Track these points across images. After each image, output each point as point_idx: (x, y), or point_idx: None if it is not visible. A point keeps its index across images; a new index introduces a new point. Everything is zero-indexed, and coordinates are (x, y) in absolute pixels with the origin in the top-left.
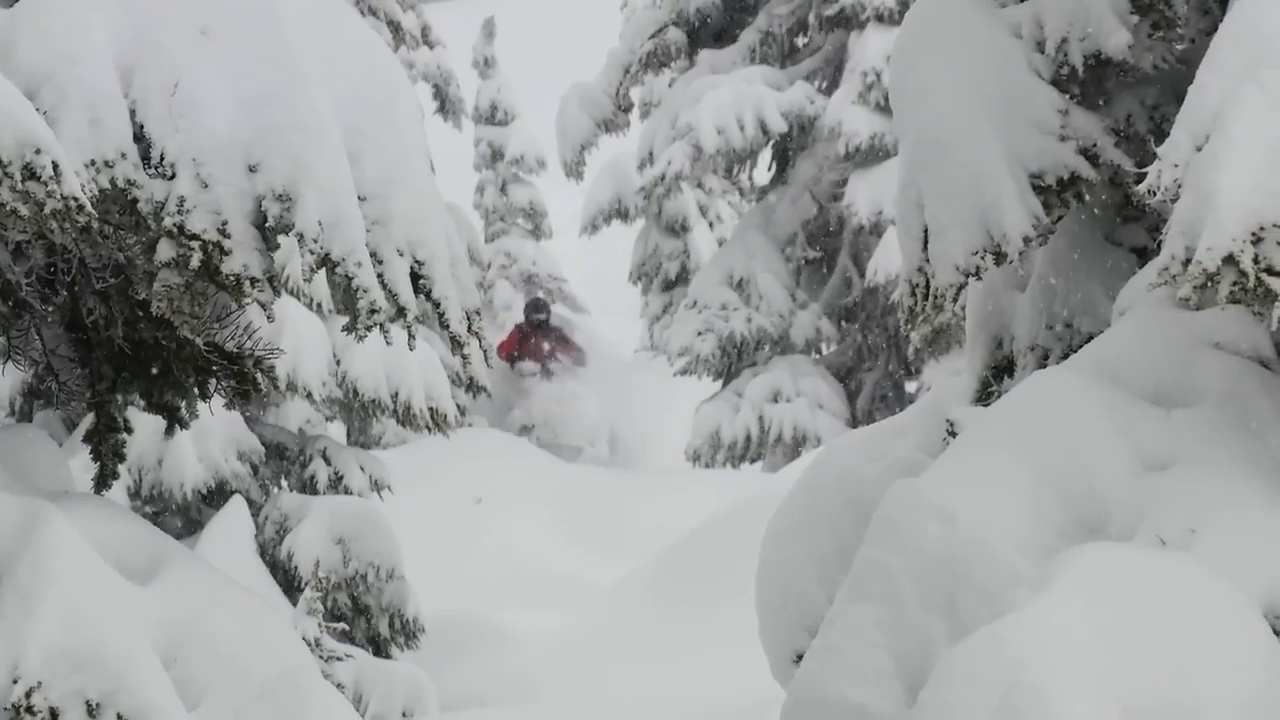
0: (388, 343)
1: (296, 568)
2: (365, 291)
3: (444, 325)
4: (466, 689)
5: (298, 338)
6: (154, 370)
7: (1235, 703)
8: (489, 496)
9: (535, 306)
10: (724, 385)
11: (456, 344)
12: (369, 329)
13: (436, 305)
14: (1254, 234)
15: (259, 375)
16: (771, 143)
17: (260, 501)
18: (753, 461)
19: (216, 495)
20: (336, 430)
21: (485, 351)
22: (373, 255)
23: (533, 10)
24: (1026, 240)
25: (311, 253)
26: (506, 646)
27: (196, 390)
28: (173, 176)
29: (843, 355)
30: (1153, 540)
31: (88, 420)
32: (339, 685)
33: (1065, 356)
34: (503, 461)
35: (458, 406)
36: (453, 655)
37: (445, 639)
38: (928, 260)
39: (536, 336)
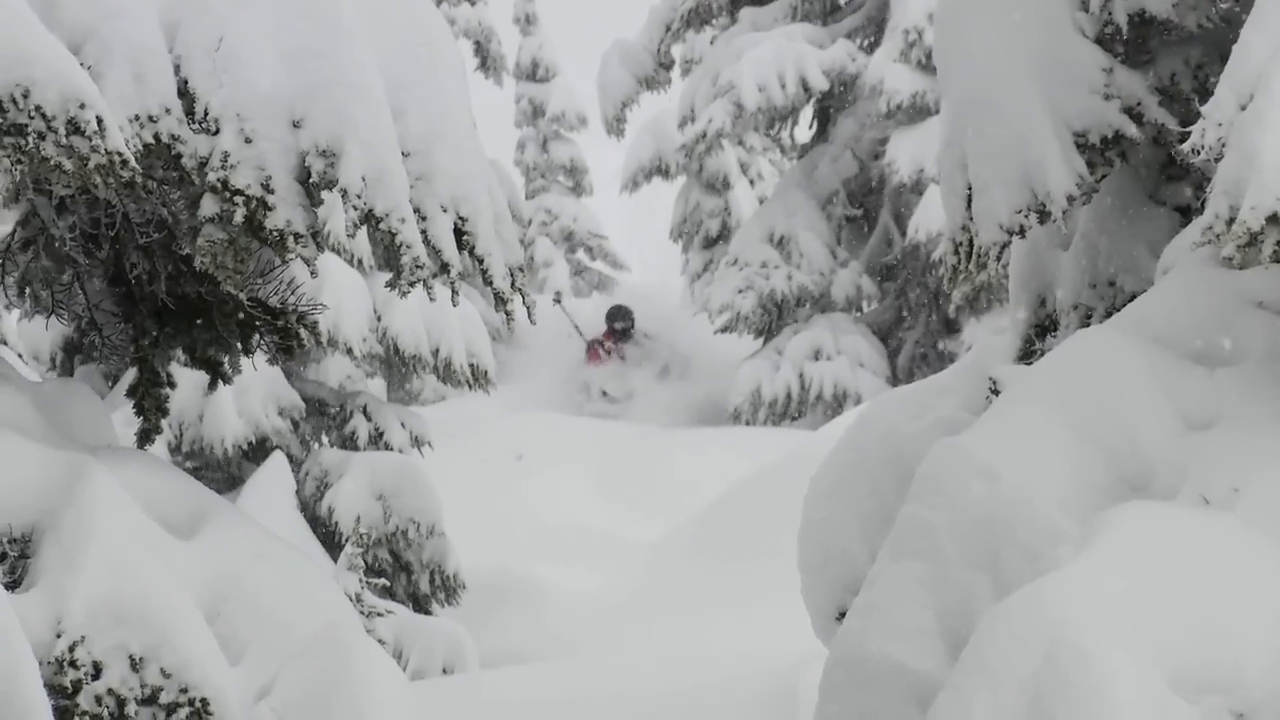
0: (430, 299)
1: (337, 523)
2: (409, 248)
3: (487, 282)
4: (506, 645)
5: (339, 294)
6: (197, 325)
7: (1275, 658)
8: (529, 453)
9: (617, 314)
10: (764, 343)
11: (500, 300)
12: (412, 285)
13: (480, 261)
14: None
15: (302, 331)
16: (813, 100)
17: (301, 457)
18: (794, 420)
19: (257, 451)
20: (377, 386)
21: (529, 308)
22: (416, 211)
23: None
24: (1070, 199)
25: (355, 208)
26: (546, 603)
27: (239, 345)
28: (216, 132)
29: (883, 313)
30: (1196, 499)
31: (130, 375)
32: (380, 641)
33: (1108, 315)
34: (542, 417)
35: (497, 362)
36: (492, 611)
37: (485, 595)
38: (971, 218)
39: (621, 345)
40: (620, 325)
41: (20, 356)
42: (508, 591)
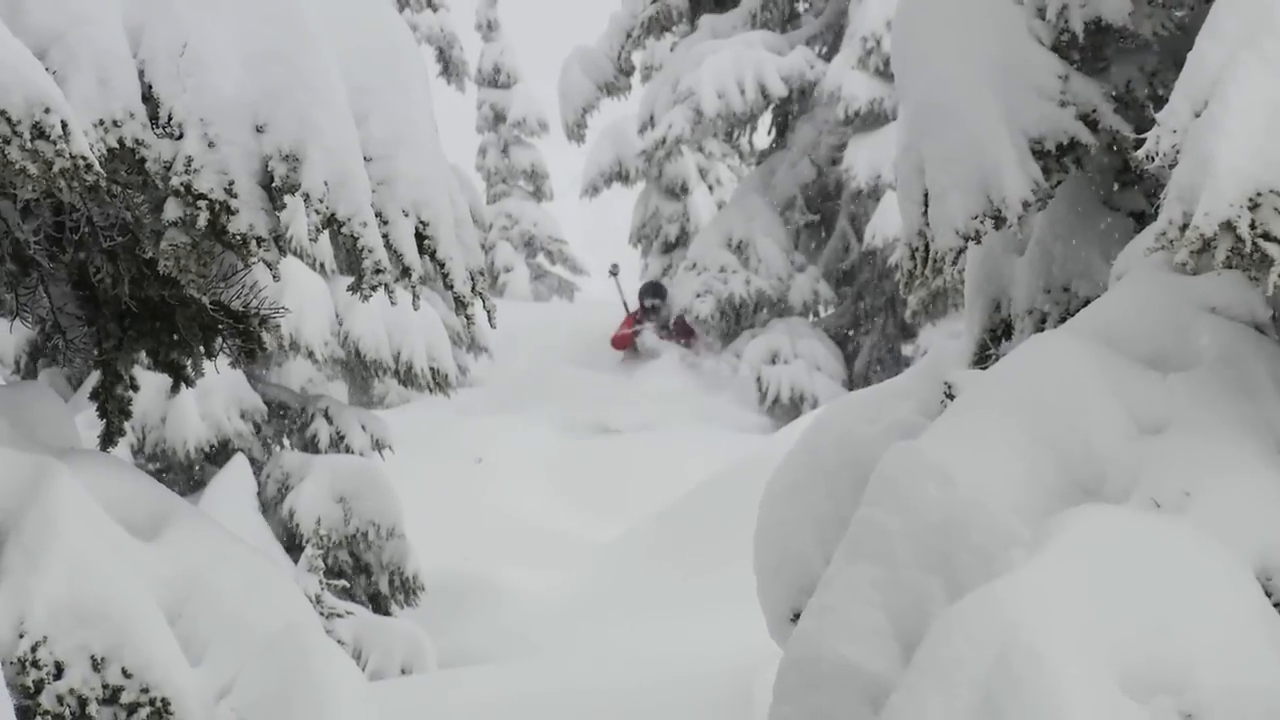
0: (392, 303)
1: (298, 525)
2: (370, 252)
3: (448, 286)
4: (466, 646)
5: (301, 297)
6: (160, 328)
7: (1226, 663)
8: (489, 456)
9: (650, 290)
10: (723, 347)
11: (461, 304)
12: (374, 289)
13: (441, 266)
14: (1251, 200)
15: (264, 334)
16: (771, 107)
17: (262, 460)
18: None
19: (219, 453)
20: (338, 390)
21: (489, 312)
22: (378, 215)
23: None
24: (1026, 205)
25: (317, 213)
26: (505, 604)
27: (202, 349)
28: (180, 136)
29: (840, 318)
30: (1147, 503)
31: (93, 378)
32: (339, 641)
33: (1062, 320)
34: (503, 421)
35: (458, 366)
36: (452, 612)
37: (445, 597)
38: (927, 224)
39: (652, 323)
40: (650, 302)
41: None
42: (467, 593)
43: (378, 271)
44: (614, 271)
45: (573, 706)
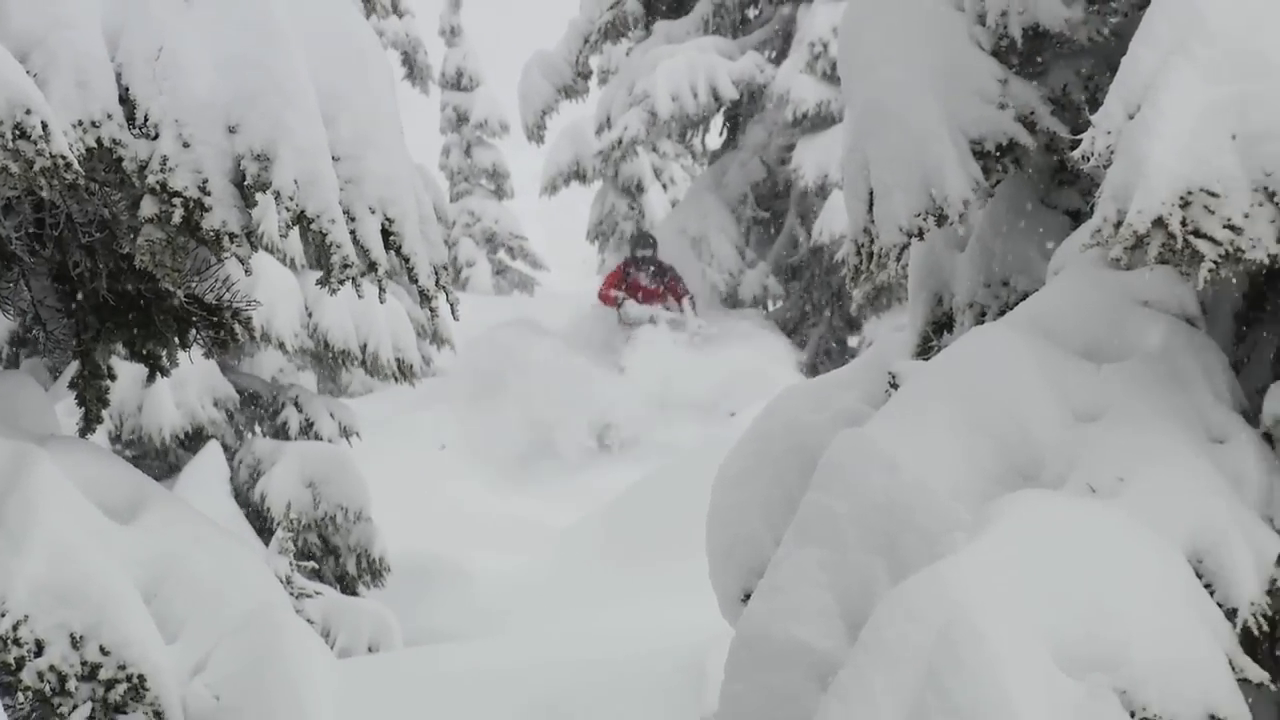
0: (359, 296)
1: (269, 509)
2: (338, 247)
3: (413, 280)
4: (430, 624)
5: (272, 291)
6: (136, 320)
7: (1157, 640)
8: (452, 442)
9: (641, 241)
10: None
11: (425, 297)
12: (341, 283)
13: (406, 261)
14: (1182, 198)
15: (236, 326)
16: (723, 109)
17: (235, 446)
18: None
19: (193, 440)
20: (307, 379)
21: (452, 304)
22: (346, 213)
23: None
24: (966, 203)
25: (288, 210)
26: (469, 585)
27: (177, 340)
28: (156, 136)
29: (789, 311)
30: (1083, 488)
31: (72, 368)
32: (309, 620)
33: (1002, 313)
34: (466, 409)
35: (422, 357)
36: (418, 593)
37: (410, 577)
38: (873, 221)
39: (641, 275)
40: (641, 253)
41: None
42: (431, 574)
43: (345, 266)
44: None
45: (533, 680)
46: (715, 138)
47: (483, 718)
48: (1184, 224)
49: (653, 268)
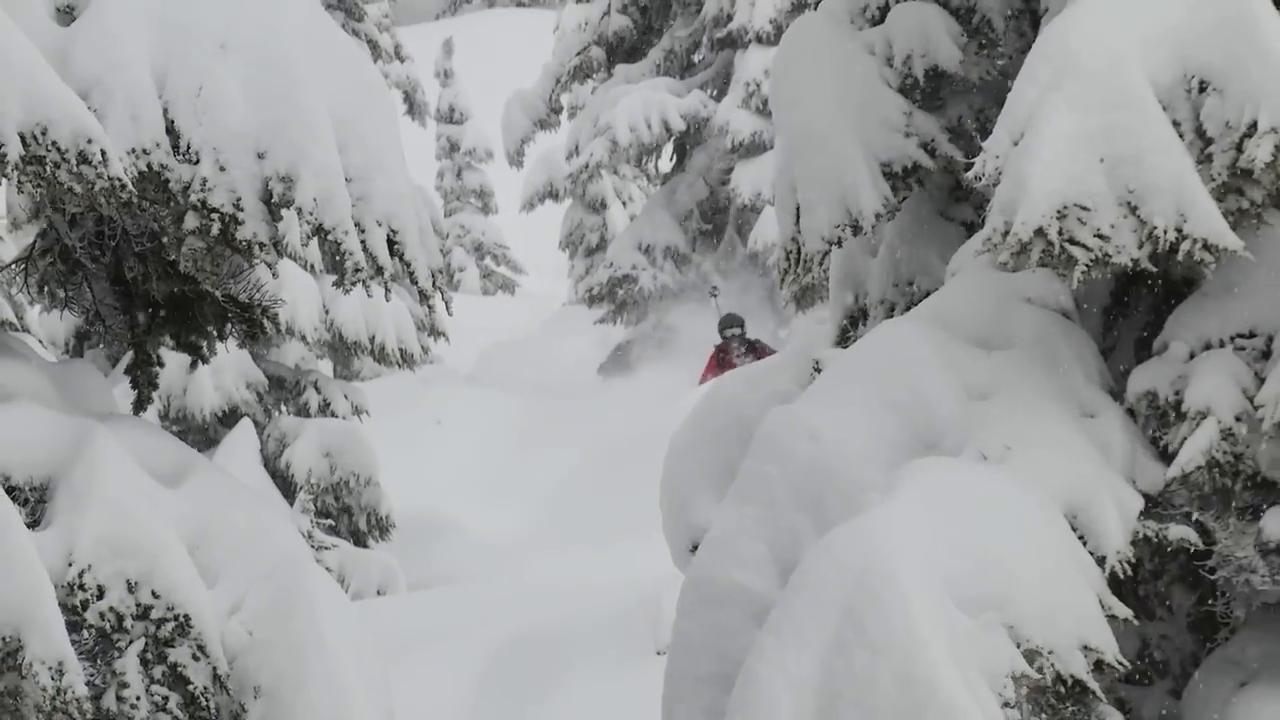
0: (368, 296)
1: (293, 475)
2: (351, 255)
3: (414, 282)
4: (430, 572)
5: (295, 291)
6: (181, 316)
7: (1039, 583)
8: (448, 418)
9: (729, 321)
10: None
11: (424, 297)
12: (354, 285)
13: (408, 266)
14: (1059, 211)
15: (265, 321)
16: (673, 138)
17: (264, 423)
18: None
19: (229, 417)
20: (325, 366)
21: (447, 303)
22: (357, 225)
23: (483, 32)
24: (878, 216)
25: (308, 223)
26: (463, 538)
27: (215, 332)
28: (197, 161)
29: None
30: (976, 455)
31: (128, 357)
32: (326, 569)
33: (908, 309)
34: (459, 390)
35: (421, 347)
36: (419, 545)
37: (413, 532)
38: (800, 232)
39: (734, 355)
40: (731, 332)
41: (40, 342)
42: (431, 528)
43: (357, 270)
44: (714, 293)
45: (508, 617)
46: (666, 162)
47: (462, 651)
48: (1060, 233)
49: (744, 347)
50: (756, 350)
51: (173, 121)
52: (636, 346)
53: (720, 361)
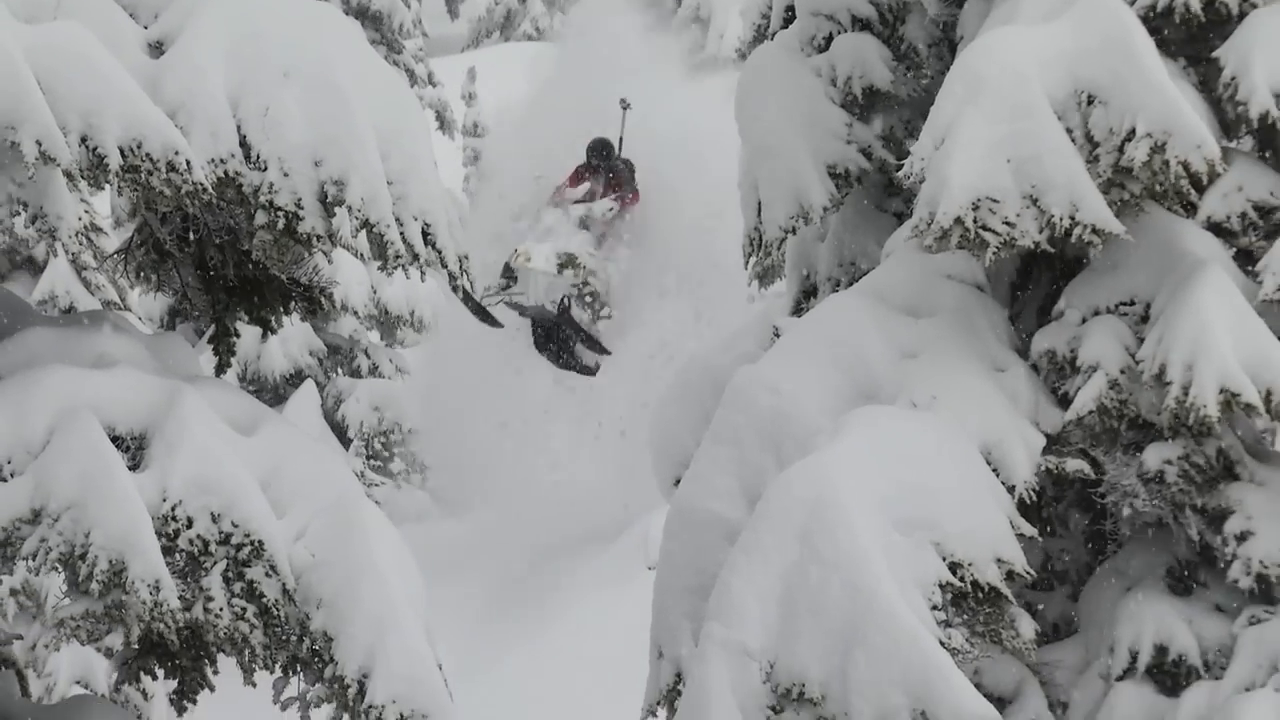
0: (407, 278)
1: (347, 426)
2: (392, 245)
3: (444, 266)
4: (460, 503)
5: (347, 275)
6: (254, 296)
7: (960, 508)
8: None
9: (600, 147)
10: None
11: (453, 278)
12: (395, 269)
13: (439, 253)
14: (974, 204)
15: (323, 299)
16: None
17: (324, 383)
18: None
19: (295, 379)
20: (373, 336)
21: (471, 283)
22: (397, 220)
23: (502, 61)
24: (825, 209)
25: (357, 218)
26: (491, 470)
27: (282, 309)
28: (265, 169)
29: None
30: (908, 404)
31: (210, 329)
32: (376, 502)
33: (850, 284)
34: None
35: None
36: (452, 481)
37: (446, 471)
38: (761, 223)
39: (594, 179)
40: (596, 161)
41: (139, 319)
42: (461, 466)
43: (397, 257)
44: (624, 105)
45: (530, 532)
46: None
47: (485, 569)
48: (975, 221)
49: (606, 173)
50: (616, 179)
51: (245, 136)
52: None
53: (576, 178)
